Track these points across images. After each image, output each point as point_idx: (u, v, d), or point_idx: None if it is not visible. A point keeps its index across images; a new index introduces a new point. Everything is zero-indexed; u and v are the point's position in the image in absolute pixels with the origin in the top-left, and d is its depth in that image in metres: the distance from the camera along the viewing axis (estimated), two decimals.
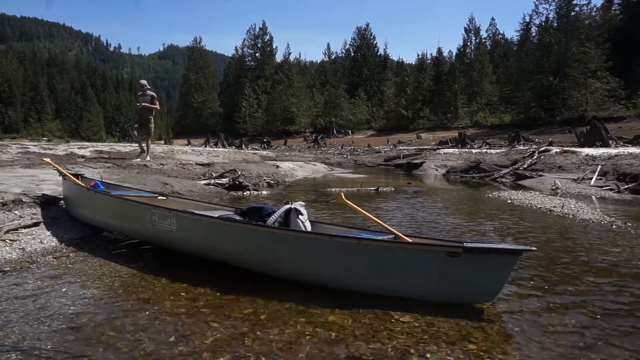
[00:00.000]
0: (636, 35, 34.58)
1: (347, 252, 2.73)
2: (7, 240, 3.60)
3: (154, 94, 9.98)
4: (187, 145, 36.30)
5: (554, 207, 6.53)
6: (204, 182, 8.56)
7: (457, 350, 2.04)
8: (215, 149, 25.03)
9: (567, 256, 3.80)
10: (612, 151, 13.70)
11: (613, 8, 40.06)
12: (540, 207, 6.64)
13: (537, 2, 38.99)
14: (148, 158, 9.87)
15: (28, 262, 3.30)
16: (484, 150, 21.13)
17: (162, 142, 48.26)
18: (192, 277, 2.99)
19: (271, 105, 55.18)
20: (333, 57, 69.86)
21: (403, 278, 2.63)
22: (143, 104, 9.75)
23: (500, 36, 63.98)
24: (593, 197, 8.05)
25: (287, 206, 3.38)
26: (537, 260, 3.61)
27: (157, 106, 10.04)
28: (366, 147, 32.25)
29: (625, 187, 8.62)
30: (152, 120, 10.03)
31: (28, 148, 13.09)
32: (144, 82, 10.04)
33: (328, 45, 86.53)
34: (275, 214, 3.32)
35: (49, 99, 77.09)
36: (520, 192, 8.76)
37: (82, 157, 11.47)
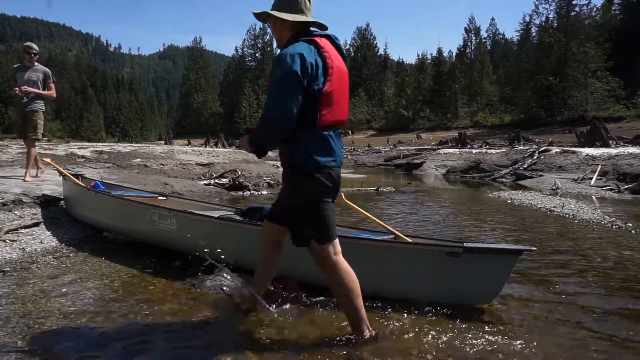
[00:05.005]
0: (636, 35, 34.59)
1: (346, 252, 2.72)
2: (7, 241, 3.60)
3: (48, 70, 5.83)
4: (187, 145, 36.32)
5: (554, 207, 6.53)
6: (204, 182, 8.57)
7: (456, 351, 2.04)
8: (216, 149, 25.03)
9: (567, 256, 3.80)
10: (612, 151, 13.70)
11: (613, 8, 40.12)
12: (540, 207, 6.64)
13: (537, 2, 39.05)
14: (27, 178, 5.64)
15: (28, 262, 3.30)
16: (484, 150, 21.12)
17: (162, 142, 48.27)
18: (192, 278, 2.99)
19: None
20: None
21: (403, 278, 2.63)
22: (26, 88, 5.48)
23: (500, 36, 64.10)
24: (593, 197, 8.06)
25: None
26: (538, 261, 3.61)
27: (53, 92, 5.91)
28: (366, 147, 32.25)
29: (626, 187, 8.63)
30: (42, 114, 5.80)
31: None
32: (33, 48, 5.69)
33: None
34: None
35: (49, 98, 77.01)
36: (520, 192, 8.76)
37: (82, 157, 11.49)
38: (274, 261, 2.40)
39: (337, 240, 2.16)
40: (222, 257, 3.23)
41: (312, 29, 2.10)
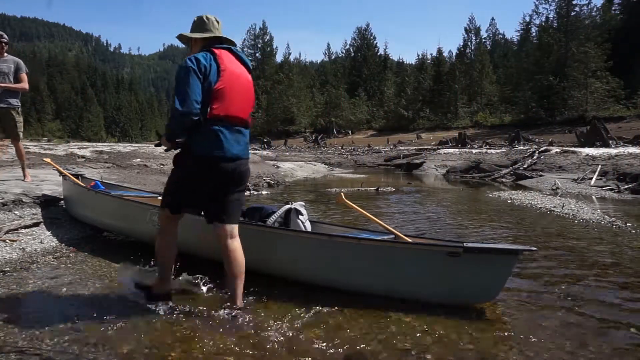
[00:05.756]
0: (636, 35, 34.58)
1: (347, 252, 2.73)
2: (7, 241, 3.59)
3: (19, 60, 5.24)
4: None
5: (554, 207, 6.53)
6: None
7: (457, 350, 2.04)
8: None
9: (567, 256, 3.80)
10: (612, 151, 13.70)
11: (613, 8, 40.13)
12: (540, 207, 6.64)
13: (537, 2, 39.08)
14: (28, 179, 5.45)
15: (28, 262, 3.30)
16: (484, 150, 21.14)
17: None
18: (192, 278, 2.99)
19: (271, 106, 55.18)
20: (333, 57, 69.99)
21: (403, 278, 2.63)
22: None
23: (500, 36, 64.15)
24: (593, 197, 8.06)
25: (287, 206, 3.38)
26: (538, 260, 3.61)
27: (25, 84, 5.24)
28: (366, 147, 32.24)
29: (626, 187, 8.63)
30: (19, 110, 5.28)
31: (28, 148, 13.10)
32: (4, 37, 5.14)
33: (328, 45, 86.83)
34: (275, 214, 3.32)
35: (49, 99, 76.94)
36: (520, 192, 8.76)
37: (82, 157, 11.49)
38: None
39: (175, 216, 2.55)
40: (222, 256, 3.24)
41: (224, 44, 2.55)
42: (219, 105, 2.34)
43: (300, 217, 3.34)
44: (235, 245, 2.52)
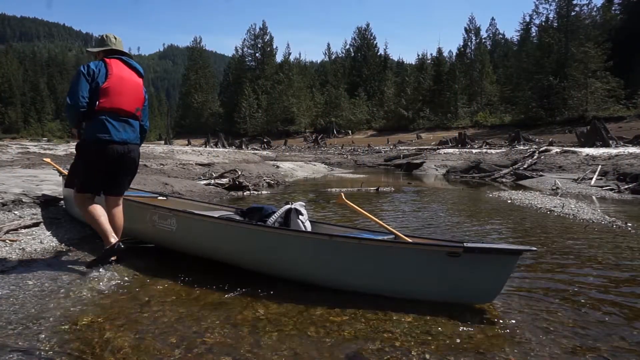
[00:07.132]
0: (636, 35, 34.58)
1: (347, 252, 2.72)
2: (7, 241, 3.59)
3: None
4: (187, 145, 36.32)
5: (554, 207, 6.52)
6: (204, 182, 8.57)
7: (457, 351, 2.04)
8: (215, 149, 25.05)
9: (567, 256, 3.80)
10: (613, 151, 13.70)
11: (613, 8, 40.13)
12: (540, 207, 6.63)
13: (537, 2, 39.13)
14: None
15: (28, 262, 3.29)
16: (484, 150, 21.15)
17: (162, 142, 48.26)
18: (192, 278, 2.99)
19: (271, 106, 55.22)
20: (333, 57, 69.96)
21: (403, 278, 2.63)
22: None
23: (500, 36, 64.09)
24: (593, 197, 8.05)
25: (287, 206, 3.38)
26: (538, 260, 3.61)
27: None
28: (366, 147, 32.26)
29: (626, 187, 8.62)
30: None
31: (28, 148, 13.10)
32: None
33: (328, 45, 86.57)
34: (275, 214, 3.32)
35: (49, 99, 76.92)
36: (520, 192, 8.76)
37: None
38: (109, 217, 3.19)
39: (92, 195, 3.11)
40: (222, 256, 3.24)
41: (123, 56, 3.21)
42: (105, 99, 2.96)
43: (300, 217, 3.34)
44: (120, 210, 3.22)
